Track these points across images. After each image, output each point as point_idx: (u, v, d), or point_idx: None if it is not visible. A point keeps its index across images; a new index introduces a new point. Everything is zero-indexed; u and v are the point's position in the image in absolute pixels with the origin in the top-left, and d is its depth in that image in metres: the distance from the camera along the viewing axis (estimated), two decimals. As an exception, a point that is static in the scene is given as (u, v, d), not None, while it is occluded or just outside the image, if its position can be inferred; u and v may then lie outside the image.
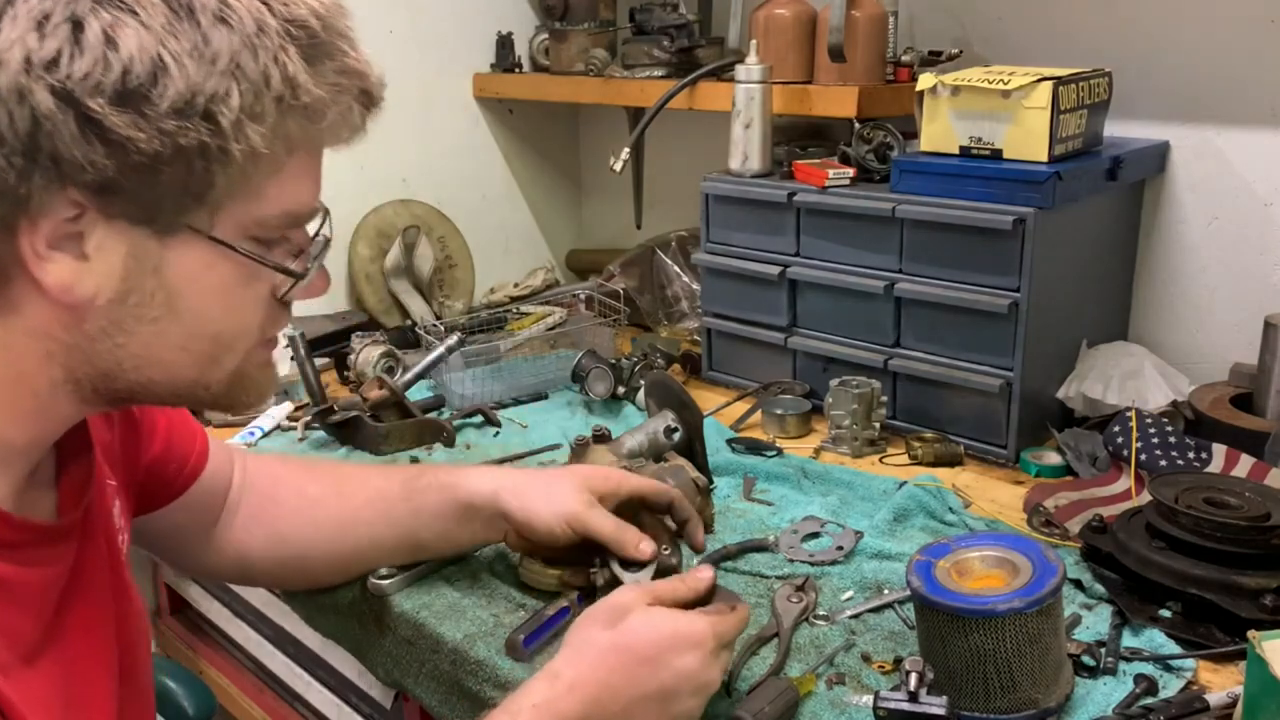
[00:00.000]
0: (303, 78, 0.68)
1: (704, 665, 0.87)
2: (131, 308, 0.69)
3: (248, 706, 1.66)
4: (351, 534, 1.13)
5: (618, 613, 0.88)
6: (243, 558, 1.11)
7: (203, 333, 0.73)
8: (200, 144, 0.64)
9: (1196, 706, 0.92)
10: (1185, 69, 1.57)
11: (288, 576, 1.19)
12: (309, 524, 1.12)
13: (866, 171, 1.60)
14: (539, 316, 2.16)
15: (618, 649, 0.86)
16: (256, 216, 0.71)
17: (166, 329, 0.71)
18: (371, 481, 1.14)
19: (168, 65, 0.63)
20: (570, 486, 1.07)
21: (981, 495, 1.36)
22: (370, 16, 2.05)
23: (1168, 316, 1.65)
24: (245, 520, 1.10)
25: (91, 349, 0.71)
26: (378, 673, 1.19)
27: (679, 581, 0.94)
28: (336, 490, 1.13)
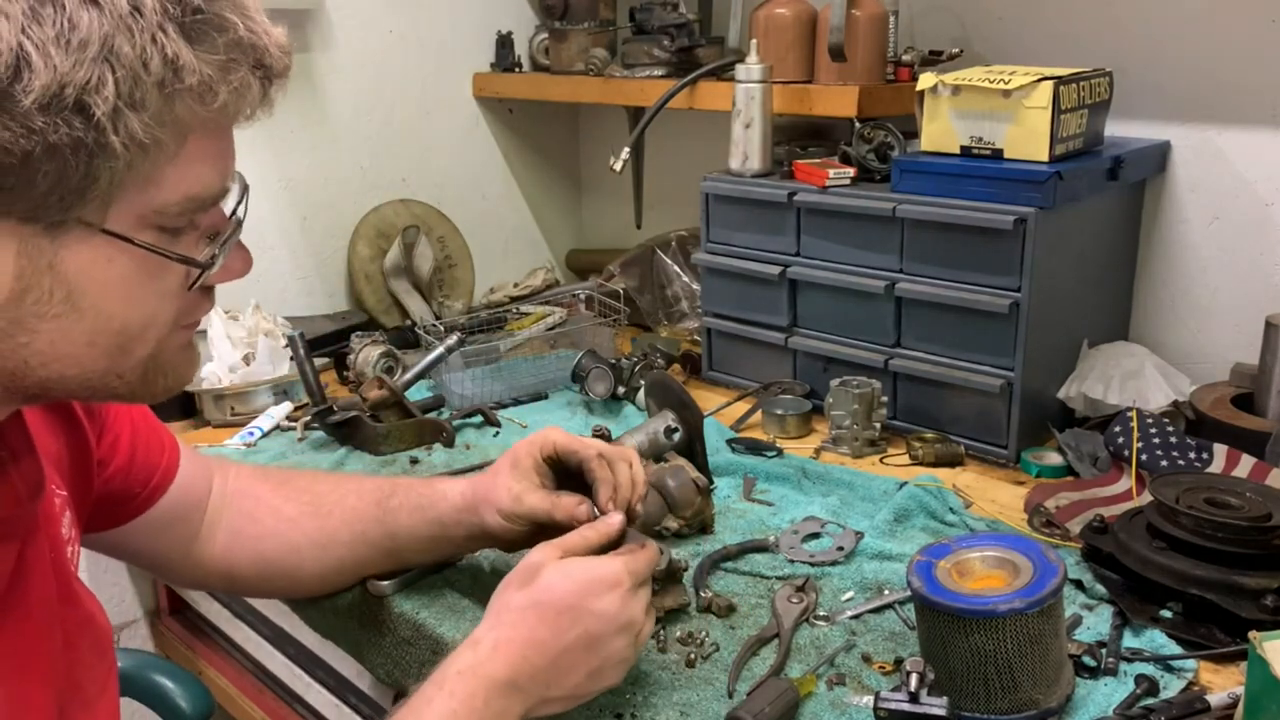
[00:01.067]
0: (186, 57, 0.62)
1: (623, 603, 0.88)
2: (30, 306, 0.65)
3: (247, 707, 1.66)
4: (333, 554, 1.12)
5: (531, 571, 0.89)
6: (229, 573, 1.10)
7: (108, 328, 0.69)
8: (73, 139, 0.59)
9: (1197, 707, 0.92)
10: (1185, 69, 1.57)
11: (276, 590, 1.19)
12: (289, 547, 1.11)
13: (867, 171, 1.60)
14: (539, 316, 2.16)
15: (537, 605, 0.87)
16: (156, 205, 0.66)
17: (70, 325, 0.67)
18: (347, 501, 1.12)
19: (30, 56, 0.58)
20: (503, 478, 1.05)
21: (982, 495, 1.36)
22: (370, 16, 2.07)
23: (1168, 316, 1.65)
24: (228, 538, 1.09)
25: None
26: (377, 673, 1.19)
27: (588, 529, 0.94)
28: (313, 510, 1.11)
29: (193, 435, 1.63)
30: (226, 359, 1.68)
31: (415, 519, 1.10)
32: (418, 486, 1.12)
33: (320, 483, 1.16)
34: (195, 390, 1.68)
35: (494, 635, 0.86)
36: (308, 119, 2.00)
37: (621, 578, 0.89)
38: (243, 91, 0.66)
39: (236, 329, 1.71)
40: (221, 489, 1.10)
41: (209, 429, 1.65)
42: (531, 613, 0.87)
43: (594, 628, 0.87)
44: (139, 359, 0.72)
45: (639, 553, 0.93)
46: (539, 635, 0.86)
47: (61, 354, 0.68)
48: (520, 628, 0.86)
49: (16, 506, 0.76)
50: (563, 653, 0.86)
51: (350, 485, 1.15)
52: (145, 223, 0.66)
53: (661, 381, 1.45)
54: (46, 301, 0.65)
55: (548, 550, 0.91)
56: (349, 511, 1.11)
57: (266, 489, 1.13)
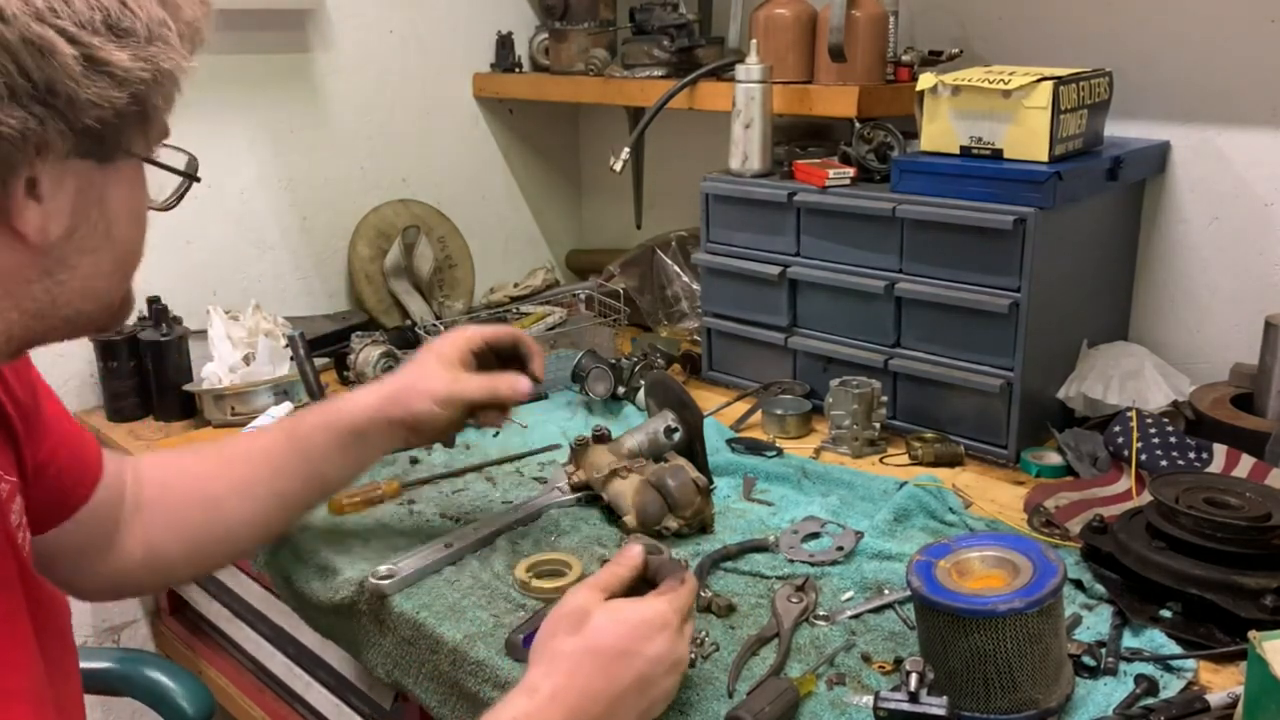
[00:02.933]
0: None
1: (673, 644, 0.89)
2: (78, 240, 0.70)
3: (248, 706, 1.66)
4: (256, 497, 1.11)
5: (579, 616, 0.88)
6: (153, 559, 1.06)
7: (126, 253, 0.75)
8: (173, 66, 0.69)
9: (1197, 707, 0.92)
10: (1185, 69, 1.57)
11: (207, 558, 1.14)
12: (209, 502, 1.09)
13: (867, 171, 1.60)
14: (539, 316, 2.16)
15: (590, 652, 0.86)
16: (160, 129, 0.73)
17: (101, 258, 0.72)
18: (255, 444, 1.13)
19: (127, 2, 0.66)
20: (432, 369, 1.13)
21: (982, 495, 1.36)
22: (370, 16, 2.07)
23: (1168, 316, 1.65)
24: (146, 521, 1.05)
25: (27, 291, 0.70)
26: (377, 673, 1.19)
27: (619, 567, 0.94)
28: (223, 461, 1.12)
29: (193, 435, 1.63)
30: (227, 359, 1.68)
31: (328, 435, 1.12)
32: (320, 408, 1.16)
33: (225, 447, 1.16)
34: (196, 390, 1.68)
35: (550, 683, 0.85)
36: (308, 119, 2.00)
37: (669, 619, 0.89)
38: (206, 20, 0.74)
39: (237, 329, 1.71)
40: (135, 479, 1.07)
41: (209, 429, 1.65)
42: (586, 660, 0.86)
43: (646, 671, 0.87)
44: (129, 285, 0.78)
45: (682, 590, 0.93)
46: (595, 684, 0.86)
47: (90, 288, 0.73)
48: (576, 676, 0.85)
49: None
50: (617, 698, 0.86)
51: (254, 434, 1.18)
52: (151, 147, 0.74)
53: (661, 381, 1.45)
54: (90, 235, 0.71)
55: (590, 593, 0.91)
56: (259, 452, 1.12)
57: (173, 458, 1.13)
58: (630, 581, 0.94)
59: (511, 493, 1.40)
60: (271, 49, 1.93)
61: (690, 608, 0.93)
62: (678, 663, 0.90)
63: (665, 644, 0.88)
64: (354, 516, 1.34)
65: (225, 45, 1.86)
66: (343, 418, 1.12)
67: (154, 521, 1.06)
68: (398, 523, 1.32)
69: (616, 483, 1.30)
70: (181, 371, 1.71)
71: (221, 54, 1.85)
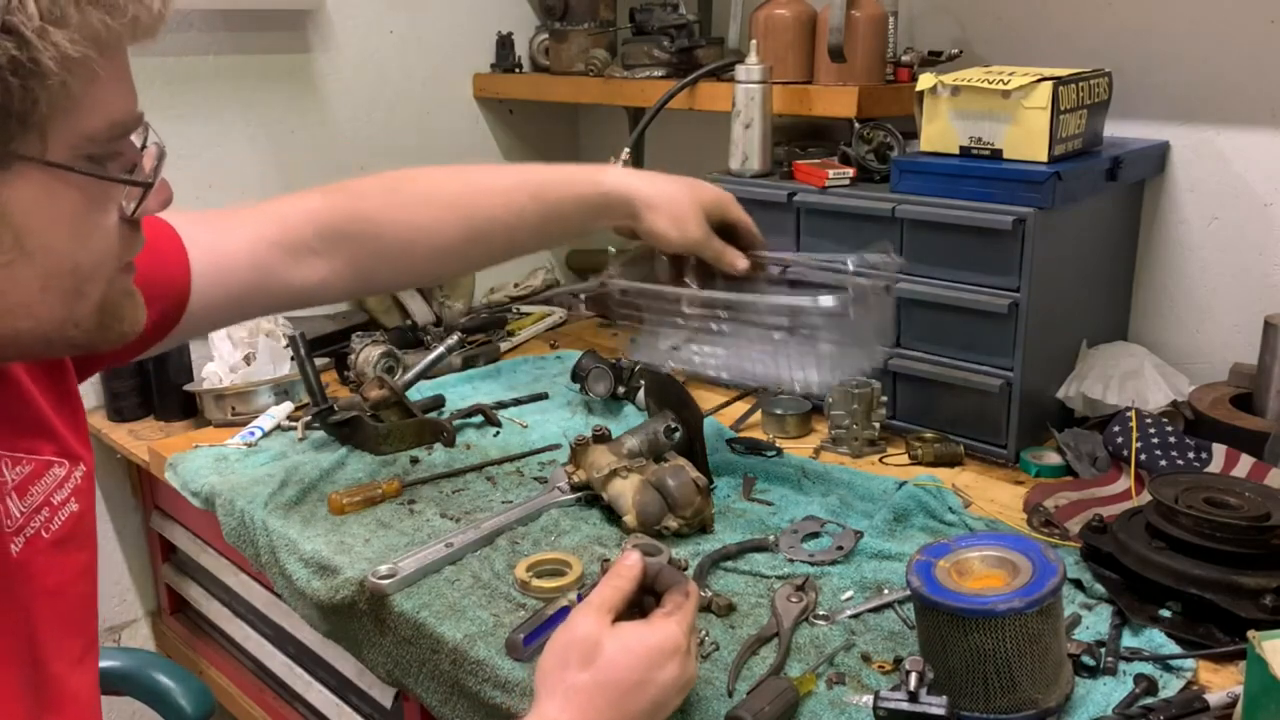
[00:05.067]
0: None
1: (684, 666, 0.88)
2: None
3: (248, 706, 1.67)
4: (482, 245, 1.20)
5: (590, 648, 0.86)
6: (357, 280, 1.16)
7: (60, 268, 0.69)
8: (10, 59, 0.61)
9: (1196, 706, 0.92)
10: (1185, 69, 1.57)
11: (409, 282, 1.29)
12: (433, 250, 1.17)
13: (866, 171, 1.61)
14: (539, 316, 2.16)
15: (604, 686, 0.85)
16: (85, 132, 0.67)
17: (20, 271, 0.67)
18: (496, 203, 1.19)
19: None
20: (694, 214, 1.23)
21: (981, 495, 1.37)
22: (370, 17, 2.07)
23: (1168, 316, 1.65)
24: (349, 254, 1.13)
25: None
26: (378, 673, 1.19)
27: (620, 580, 0.92)
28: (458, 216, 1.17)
29: (193, 435, 1.63)
30: (227, 359, 1.69)
31: (576, 205, 1.22)
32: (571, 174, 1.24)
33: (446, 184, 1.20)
34: (196, 390, 1.68)
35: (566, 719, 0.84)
36: (308, 119, 2.01)
37: (680, 641, 0.88)
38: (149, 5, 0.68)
39: (237, 329, 1.71)
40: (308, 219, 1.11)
41: (210, 429, 1.65)
42: (599, 695, 0.85)
43: (659, 697, 0.87)
44: (93, 303, 0.72)
45: (688, 606, 0.92)
46: (610, 716, 0.85)
47: (14, 304, 0.68)
48: (591, 712, 0.84)
49: None
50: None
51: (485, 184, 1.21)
52: (78, 153, 0.68)
53: (661, 381, 1.46)
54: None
55: (597, 619, 0.88)
56: (500, 209, 1.19)
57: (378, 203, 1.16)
58: (633, 593, 0.92)
59: (511, 493, 1.40)
60: (271, 49, 1.93)
61: (694, 622, 0.92)
62: (690, 682, 0.90)
63: (677, 669, 0.87)
64: (354, 516, 1.34)
65: (225, 45, 1.86)
66: (598, 193, 1.22)
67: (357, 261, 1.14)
68: (398, 523, 1.32)
69: (616, 483, 1.30)
70: (182, 371, 1.71)
71: (221, 54, 1.86)
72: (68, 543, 0.84)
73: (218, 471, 1.48)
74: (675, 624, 0.89)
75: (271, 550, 1.30)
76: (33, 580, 0.82)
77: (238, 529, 1.37)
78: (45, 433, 0.86)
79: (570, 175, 1.23)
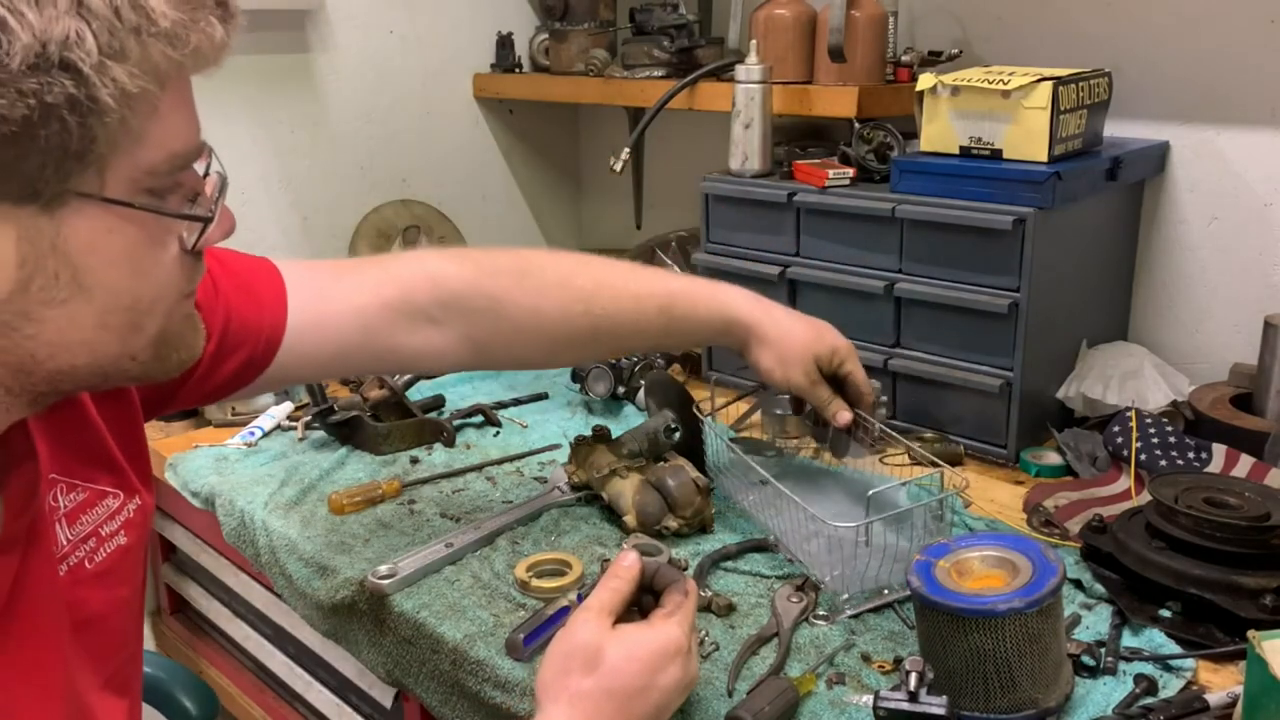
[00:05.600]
0: (154, 2, 0.62)
1: (686, 667, 0.88)
2: (36, 294, 0.64)
3: (248, 706, 1.66)
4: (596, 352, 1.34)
5: (591, 653, 0.86)
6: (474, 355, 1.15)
7: (118, 304, 0.67)
8: (68, 97, 0.59)
9: (1196, 706, 0.92)
10: (1185, 69, 1.57)
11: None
12: (550, 350, 1.19)
13: (866, 171, 1.60)
14: (539, 316, 2.16)
15: (609, 693, 0.85)
16: (145, 166, 0.65)
17: (78, 309, 0.66)
18: (625, 310, 1.18)
19: (5, 19, 0.57)
20: (802, 358, 1.24)
21: (981, 495, 1.36)
22: (370, 17, 2.07)
23: (1168, 316, 1.65)
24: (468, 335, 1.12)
25: (1, 346, 0.65)
26: (378, 673, 1.19)
27: (618, 581, 0.92)
28: (588, 324, 1.16)
29: (193, 435, 1.63)
30: (227, 359, 1.68)
31: (698, 326, 1.24)
32: (699, 293, 1.25)
33: (578, 278, 1.18)
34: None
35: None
36: (308, 119, 2.01)
37: (682, 643, 0.88)
38: (210, 34, 0.66)
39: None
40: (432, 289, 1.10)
41: (209, 428, 1.65)
42: (606, 702, 0.85)
43: (663, 701, 0.87)
44: (150, 337, 0.71)
45: (688, 605, 0.92)
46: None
47: (71, 342, 0.67)
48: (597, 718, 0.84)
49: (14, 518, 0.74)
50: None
51: (620, 287, 1.20)
52: (137, 186, 0.66)
53: (661, 381, 1.46)
54: (53, 286, 0.64)
55: (598, 623, 0.88)
56: (628, 320, 1.19)
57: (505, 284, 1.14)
58: (632, 595, 0.92)
59: (511, 493, 1.40)
60: (271, 49, 1.93)
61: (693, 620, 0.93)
62: (692, 682, 0.90)
63: (679, 671, 0.87)
64: (354, 516, 1.34)
65: (225, 45, 1.86)
66: (723, 318, 1.24)
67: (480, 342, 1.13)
68: (398, 523, 1.32)
69: (616, 483, 1.30)
70: (182, 371, 1.71)
71: (222, 54, 1.85)
72: (109, 575, 0.83)
73: (218, 471, 1.48)
74: (676, 625, 0.89)
75: (271, 550, 1.30)
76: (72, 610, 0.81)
77: (238, 529, 1.37)
78: (105, 463, 0.85)
79: (699, 295, 1.24)
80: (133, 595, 0.87)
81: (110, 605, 0.83)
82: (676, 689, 0.87)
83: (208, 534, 1.66)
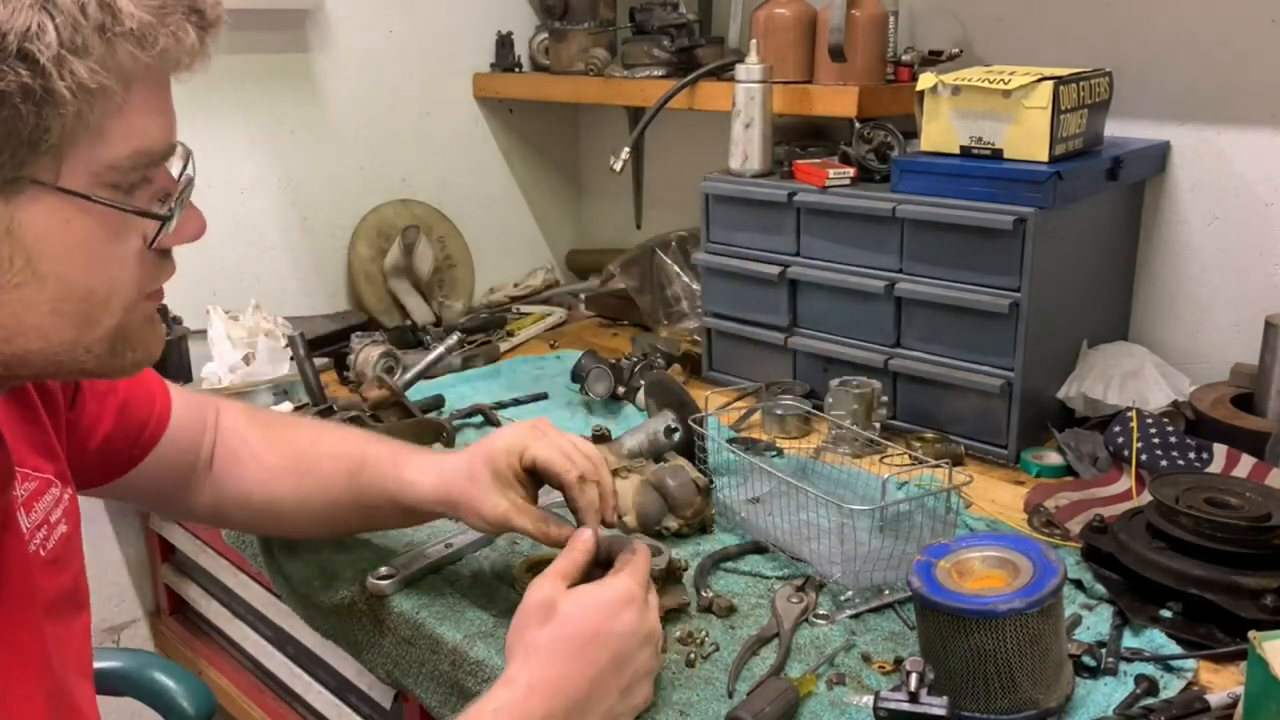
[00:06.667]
0: (122, 2, 0.63)
1: (641, 616, 0.91)
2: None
3: (247, 707, 1.66)
4: (311, 511, 1.14)
5: (546, 608, 0.89)
6: (218, 511, 1.15)
7: (71, 294, 0.68)
8: (21, 86, 0.60)
9: (1197, 707, 0.92)
10: (1185, 69, 1.57)
11: (264, 529, 1.24)
12: (272, 496, 1.14)
13: (867, 171, 1.60)
14: (539, 317, 2.16)
15: (563, 639, 0.88)
16: (107, 160, 0.66)
17: (32, 294, 0.67)
18: (322, 466, 1.13)
19: None
20: (487, 493, 1.05)
21: (982, 495, 1.36)
22: (370, 16, 2.07)
23: (1168, 316, 1.65)
24: (217, 477, 1.13)
25: None
26: (377, 673, 1.19)
27: (575, 553, 0.96)
28: (292, 466, 1.14)
29: (193, 435, 1.63)
30: (227, 359, 1.68)
31: (383, 500, 1.11)
32: (385, 468, 1.11)
33: (301, 436, 1.17)
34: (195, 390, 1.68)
35: (528, 674, 0.86)
36: (308, 119, 2.00)
37: (634, 592, 0.91)
38: (180, 37, 0.67)
39: (237, 329, 1.71)
40: (214, 428, 1.13)
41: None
42: (559, 648, 0.87)
43: (620, 648, 0.89)
44: (106, 330, 0.72)
45: (636, 560, 0.95)
46: (571, 668, 0.87)
47: (25, 326, 0.68)
48: (552, 665, 0.86)
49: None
50: (595, 679, 0.87)
51: (325, 445, 1.15)
52: (98, 180, 0.67)
53: (661, 381, 1.46)
54: (6, 269, 0.66)
55: (553, 583, 0.91)
56: (324, 476, 1.13)
57: (254, 433, 1.15)
58: (587, 566, 0.96)
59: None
60: (271, 49, 1.93)
61: (648, 577, 0.95)
62: (650, 634, 0.91)
63: (634, 617, 0.90)
64: (354, 516, 1.33)
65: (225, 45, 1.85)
66: (402, 496, 1.10)
67: (221, 486, 1.13)
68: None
69: (616, 483, 1.30)
70: (181, 371, 1.71)
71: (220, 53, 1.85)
72: (58, 563, 0.84)
73: (217, 471, 1.47)
74: (626, 576, 0.92)
75: (270, 551, 1.30)
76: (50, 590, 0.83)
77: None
78: (49, 453, 0.87)
79: (381, 468, 1.11)
80: (76, 582, 0.88)
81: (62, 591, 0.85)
82: (634, 636, 0.89)
83: (207, 534, 1.66)
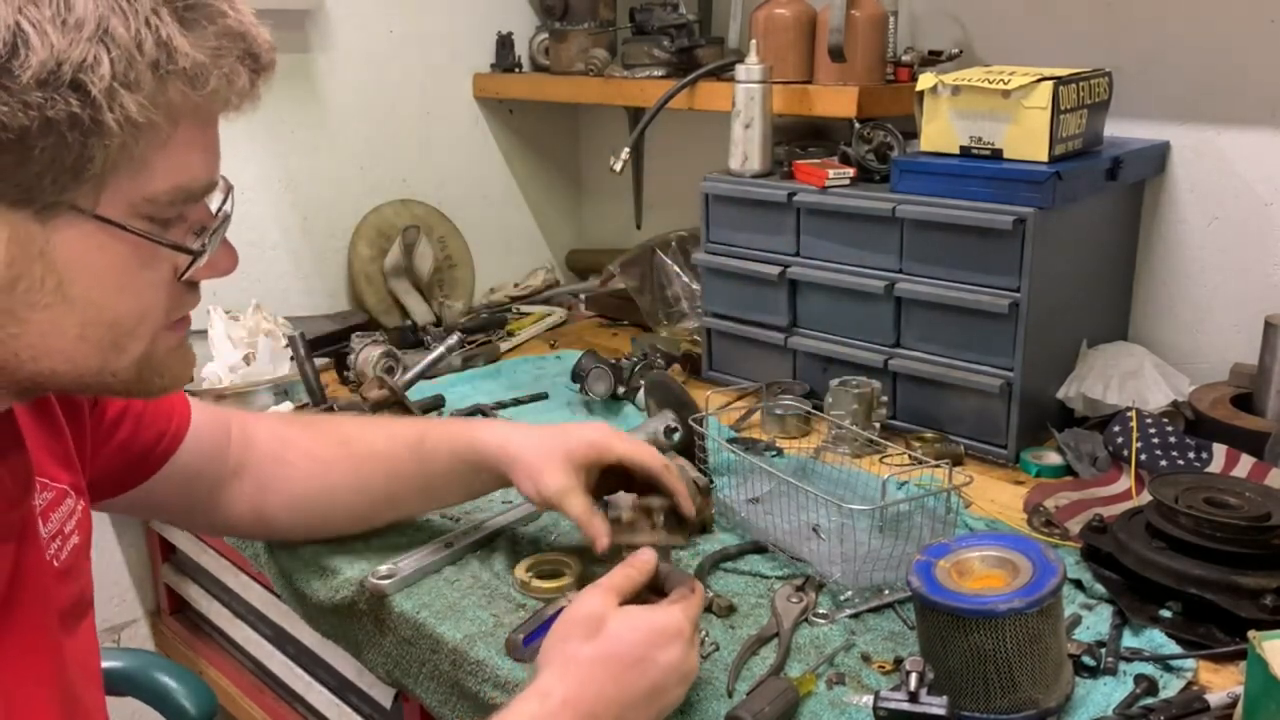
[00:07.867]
0: (179, 41, 0.64)
1: (685, 654, 0.89)
2: (21, 295, 0.66)
3: (248, 707, 1.66)
4: (367, 495, 1.17)
5: (595, 622, 0.88)
6: (261, 517, 1.15)
7: (99, 319, 0.69)
8: (70, 115, 0.61)
9: (1197, 707, 0.92)
10: (1185, 69, 1.57)
11: (311, 533, 1.23)
12: (325, 488, 1.16)
13: (866, 171, 1.60)
14: (539, 316, 2.16)
15: (605, 659, 0.86)
16: (146, 193, 0.67)
17: (60, 316, 0.68)
18: (378, 445, 1.16)
19: (27, 35, 0.59)
20: (558, 465, 1.10)
21: (982, 495, 1.36)
22: (370, 16, 2.07)
23: (1168, 316, 1.65)
24: (258, 483, 1.13)
25: None
26: (378, 673, 1.19)
27: (632, 570, 0.95)
28: (346, 453, 1.16)
29: (193, 435, 1.63)
30: (227, 359, 1.68)
31: (447, 461, 1.15)
32: (453, 429, 1.18)
33: (345, 426, 1.20)
34: (195, 390, 1.67)
35: (564, 688, 0.85)
36: (308, 119, 2.00)
37: (684, 628, 0.89)
38: (232, 79, 0.69)
39: (237, 329, 1.71)
40: (243, 436, 1.13)
41: (209, 429, 1.65)
42: (600, 668, 0.86)
43: (659, 680, 0.87)
44: (132, 357, 0.72)
45: (694, 599, 0.94)
46: (608, 691, 0.85)
47: (52, 348, 0.69)
48: (590, 684, 0.85)
49: (10, 508, 0.76)
50: (628, 705, 0.86)
51: (376, 429, 1.20)
52: (135, 211, 0.68)
53: (661, 381, 1.45)
54: (37, 290, 0.66)
55: (604, 597, 0.90)
56: (382, 454, 1.16)
57: (295, 432, 1.17)
58: (642, 585, 0.94)
59: (511, 493, 1.39)
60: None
61: (698, 618, 0.94)
62: (689, 674, 0.90)
63: (679, 653, 0.88)
64: (354, 516, 1.34)
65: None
66: (468, 447, 1.14)
67: (265, 490, 1.13)
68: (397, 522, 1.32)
69: (616, 483, 1.30)
70: (182, 371, 1.71)
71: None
72: (69, 574, 0.85)
73: (217, 471, 1.48)
74: (680, 610, 0.91)
75: (271, 550, 1.30)
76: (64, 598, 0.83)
77: (237, 529, 1.37)
78: (67, 463, 0.87)
79: (449, 429, 1.17)
80: (84, 594, 0.89)
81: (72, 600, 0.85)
82: (674, 672, 0.88)
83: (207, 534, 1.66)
